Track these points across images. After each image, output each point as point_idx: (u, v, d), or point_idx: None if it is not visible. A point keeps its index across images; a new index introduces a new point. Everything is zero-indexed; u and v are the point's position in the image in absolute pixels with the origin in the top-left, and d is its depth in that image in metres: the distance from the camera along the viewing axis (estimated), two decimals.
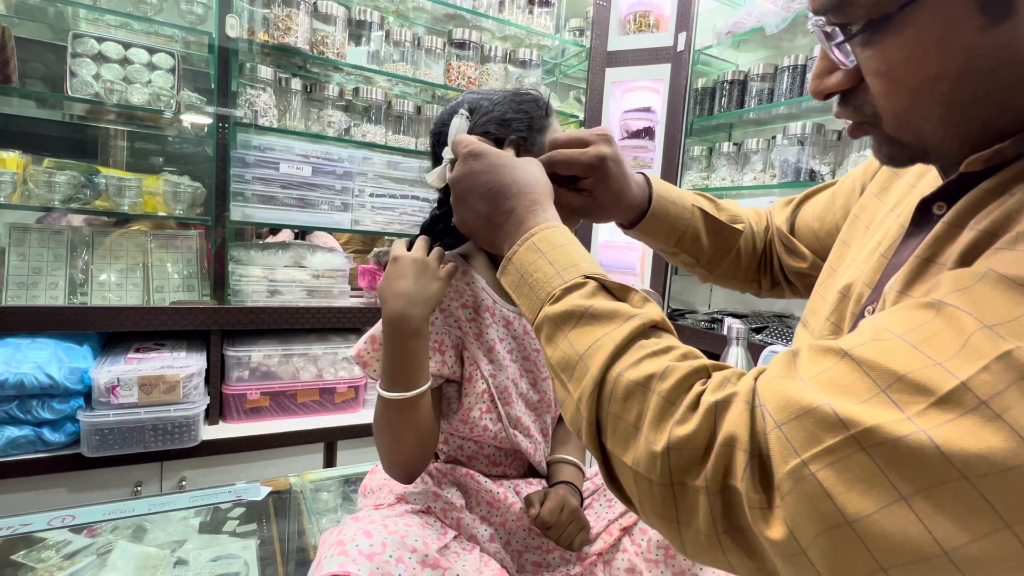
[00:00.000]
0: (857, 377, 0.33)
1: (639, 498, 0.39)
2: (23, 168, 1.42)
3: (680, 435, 0.36)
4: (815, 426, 0.32)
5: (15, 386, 1.21)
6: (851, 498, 0.30)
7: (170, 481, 1.44)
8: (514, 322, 0.71)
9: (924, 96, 0.39)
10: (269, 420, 1.60)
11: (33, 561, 0.79)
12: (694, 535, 0.36)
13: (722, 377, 0.38)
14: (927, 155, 0.44)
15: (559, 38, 2.10)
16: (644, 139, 2.05)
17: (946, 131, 0.40)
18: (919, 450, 0.29)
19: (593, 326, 0.43)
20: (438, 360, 0.64)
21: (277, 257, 1.66)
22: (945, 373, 0.30)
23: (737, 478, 0.34)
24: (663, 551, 0.55)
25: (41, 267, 1.46)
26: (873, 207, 0.57)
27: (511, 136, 0.65)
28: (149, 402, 1.35)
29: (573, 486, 0.68)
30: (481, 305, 0.68)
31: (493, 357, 0.67)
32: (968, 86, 0.38)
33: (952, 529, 0.28)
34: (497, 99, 0.67)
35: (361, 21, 1.75)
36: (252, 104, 1.60)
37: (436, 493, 0.64)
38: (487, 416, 0.67)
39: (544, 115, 0.69)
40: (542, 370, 0.71)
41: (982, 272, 0.34)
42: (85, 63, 1.45)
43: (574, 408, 0.42)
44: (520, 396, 0.69)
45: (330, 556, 0.47)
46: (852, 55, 0.41)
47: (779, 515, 0.32)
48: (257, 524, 0.92)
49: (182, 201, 1.55)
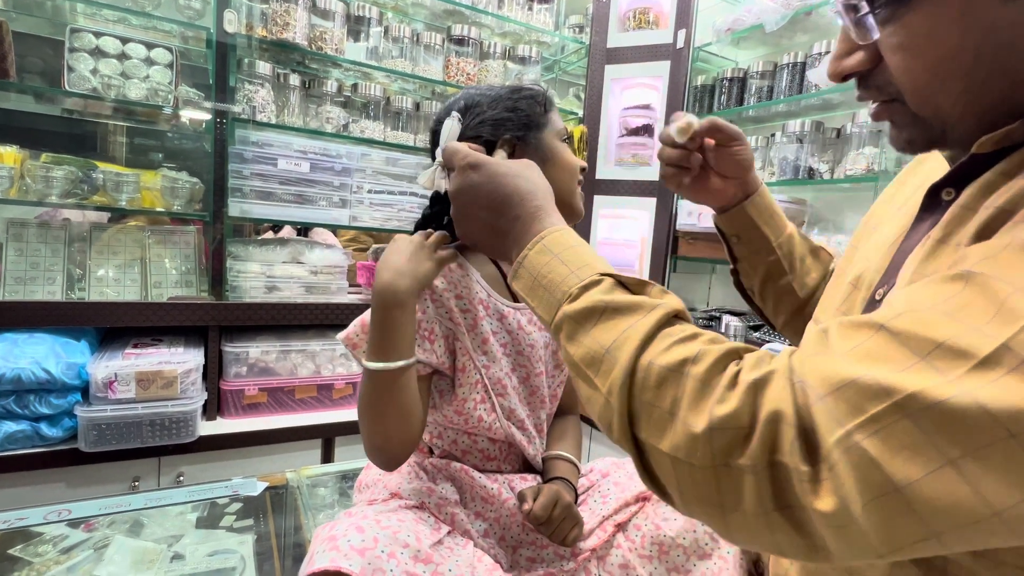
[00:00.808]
0: (895, 347, 0.33)
1: (679, 486, 0.38)
2: (20, 163, 1.42)
3: (721, 414, 0.35)
4: (858, 396, 0.31)
5: (12, 381, 1.21)
6: (898, 465, 0.30)
7: (167, 476, 1.44)
8: (508, 316, 0.71)
9: (945, 70, 0.40)
10: (267, 416, 1.60)
11: (30, 555, 0.79)
12: (740, 518, 0.35)
13: (756, 357, 0.38)
14: (944, 136, 0.44)
15: (559, 35, 2.09)
16: (643, 136, 2.04)
17: (965, 107, 0.41)
18: (964, 411, 0.29)
19: (617, 319, 0.42)
20: (427, 348, 0.65)
21: (275, 253, 1.66)
22: (984, 337, 0.30)
23: (784, 453, 0.33)
24: (657, 547, 0.55)
25: (39, 262, 1.46)
26: (880, 212, 0.59)
27: (505, 136, 0.65)
28: (147, 397, 1.35)
29: (567, 482, 0.68)
30: (475, 298, 0.68)
31: (487, 349, 0.67)
32: (986, 60, 0.39)
33: (1002, 489, 0.28)
34: (494, 96, 0.67)
35: (360, 17, 1.74)
36: (250, 100, 1.60)
37: (430, 488, 0.64)
38: (481, 407, 0.67)
39: (543, 111, 0.69)
40: (535, 365, 0.71)
41: (1006, 243, 0.34)
42: (83, 58, 1.45)
43: (603, 402, 0.41)
44: (513, 389, 0.69)
45: (322, 551, 0.47)
46: (874, 30, 0.41)
47: (828, 487, 0.32)
48: (254, 519, 0.92)
49: (180, 197, 1.55)
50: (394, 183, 1.77)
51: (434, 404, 0.70)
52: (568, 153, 0.71)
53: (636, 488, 0.63)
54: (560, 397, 0.78)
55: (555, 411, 0.78)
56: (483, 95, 0.68)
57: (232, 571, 0.80)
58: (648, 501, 0.60)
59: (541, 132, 0.69)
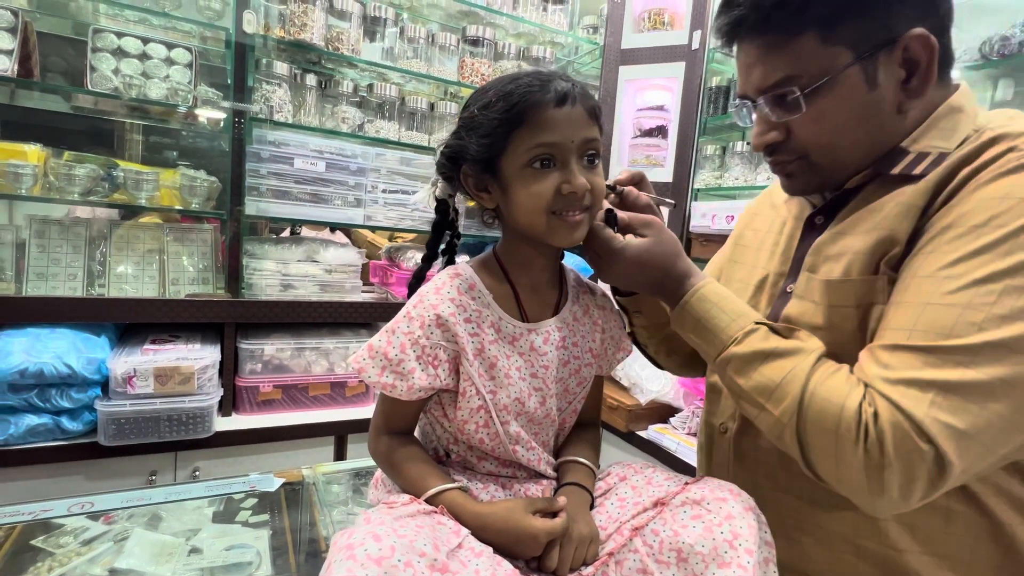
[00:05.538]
0: None
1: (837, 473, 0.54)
2: (44, 161, 1.44)
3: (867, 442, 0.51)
4: None
5: (35, 375, 1.24)
6: None
7: (184, 471, 1.47)
8: (520, 338, 0.68)
9: (840, 133, 0.62)
10: (281, 412, 1.61)
11: (52, 546, 0.81)
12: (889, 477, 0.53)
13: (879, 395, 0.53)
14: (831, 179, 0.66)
15: (573, 35, 2.09)
16: (657, 137, 2.04)
17: (849, 156, 0.63)
18: None
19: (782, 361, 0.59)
20: (431, 373, 0.63)
21: (290, 251, 1.68)
22: None
23: None
24: (675, 554, 0.55)
25: (60, 258, 1.48)
26: (750, 234, 0.82)
27: (466, 171, 0.65)
28: (164, 393, 1.37)
29: (583, 488, 0.68)
30: (485, 321, 0.66)
31: (494, 374, 0.65)
32: (861, 125, 0.61)
33: None
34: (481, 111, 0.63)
35: (376, 17, 1.76)
36: (268, 99, 1.62)
37: None
38: (483, 431, 0.66)
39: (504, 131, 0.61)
40: (550, 387, 0.69)
41: None
42: (105, 58, 1.47)
43: (774, 421, 0.58)
44: (524, 413, 0.67)
45: (339, 561, 0.47)
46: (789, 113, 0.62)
47: None
48: (270, 515, 0.93)
49: (198, 195, 1.57)
50: (408, 183, 1.78)
51: (444, 414, 0.69)
52: (534, 183, 0.61)
53: (653, 493, 0.63)
54: (580, 412, 0.76)
55: (575, 423, 0.77)
56: (481, 104, 0.63)
57: (248, 565, 0.81)
58: (666, 506, 0.59)
59: (499, 159, 0.62)
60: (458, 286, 0.66)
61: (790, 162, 0.66)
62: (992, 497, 0.57)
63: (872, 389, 0.53)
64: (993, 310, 0.49)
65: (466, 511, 0.61)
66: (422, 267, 0.74)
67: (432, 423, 0.73)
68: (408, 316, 0.65)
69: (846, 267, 0.61)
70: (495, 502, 0.65)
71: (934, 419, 0.49)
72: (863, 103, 0.60)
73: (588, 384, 0.74)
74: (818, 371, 0.57)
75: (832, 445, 0.53)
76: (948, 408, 0.49)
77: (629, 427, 1.74)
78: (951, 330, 0.50)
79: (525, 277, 0.70)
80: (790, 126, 0.64)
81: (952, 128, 0.60)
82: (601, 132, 0.65)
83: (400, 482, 0.67)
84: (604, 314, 0.76)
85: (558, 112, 0.60)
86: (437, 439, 0.73)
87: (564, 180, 0.61)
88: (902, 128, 0.62)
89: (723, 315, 0.64)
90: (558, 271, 0.74)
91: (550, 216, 0.62)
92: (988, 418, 0.49)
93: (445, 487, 0.62)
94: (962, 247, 0.52)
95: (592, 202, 0.64)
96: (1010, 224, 0.51)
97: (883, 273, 0.58)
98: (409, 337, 0.63)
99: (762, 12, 0.60)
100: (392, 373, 0.63)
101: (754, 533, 0.55)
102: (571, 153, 0.61)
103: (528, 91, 0.60)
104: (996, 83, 1.44)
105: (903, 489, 0.50)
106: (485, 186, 0.66)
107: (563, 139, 0.60)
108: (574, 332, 0.72)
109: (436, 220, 0.72)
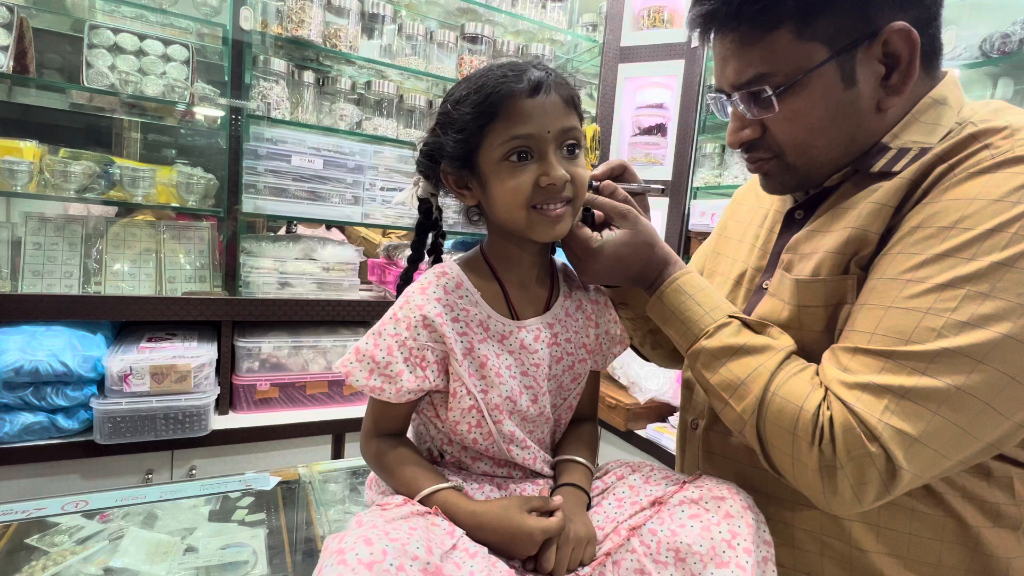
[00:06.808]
0: None
1: (793, 471, 0.55)
2: (40, 158, 1.44)
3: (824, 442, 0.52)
4: None
5: (30, 373, 1.23)
6: None
7: (180, 469, 1.46)
8: (509, 336, 0.66)
9: (815, 131, 0.60)
10: (278, 411, 1.61)
11: (47, 545, 0.80)
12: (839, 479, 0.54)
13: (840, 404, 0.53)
14: (809, 179, 0.65)
15: (572, 33, 2.09)
16: (656, 135, 2.03)
17: (825, 155, 0.62)
18: None
19: (748, 358, 0.59)
20: (419, 375, 0.62)
21: (287, 249, 1.67)
22: None
23: None
24: (673, 553, 0.54)
25: (56, 256, 1.48)
26: (733, 225, 0.81)
27: (445, 169, 0.64)
28: (160, 391, 1.36)
29: (580, 488, 0.67)
30: (473, 320, 0.65)
31: (485, 373, 0.64)
32: (837, 124, 0.60)
33: None
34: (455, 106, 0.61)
35: (374, 14, 1.75)
36: (265, 96, 1.61)
37: None
38: (476, 430, 0.66)
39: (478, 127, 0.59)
40: (541, 385, 0.68)
41: None
42: (101, 54, 1.46)
43: (736, 416, 0.59)
44: (516, 411, 0.66)
45: (330, 565, 0.46)
46: (775, 106, 0.59)
47: None
48: (266, 513, 0.93)
49: (195, 192, 1.56)
50: (406, 180, 1.77)
51: (437, 415, 0.68)
52: (511, 178, 0.60)
53: (651, 492, 0.62)
54: (575, 408, 0.75)
55: (571, 419, 0.76)
56: (455, 99, 0.62)
57: (244, 564, 0.80)
58: (664, 505, 0.59)
59: (476, 155, 0.61)
60: (444, 285, 0.65)
61: (767, 160, 0.65)
62: (958, 499, 0.57)
63: (830, 392, 0.53)
64: (953, 316, 0.49)
65: (461, 510, 0.60)
66: (409, 268, 0.73)
67: (425, 423, 0.72)
68: (394, 317, 0.63)
69: (816, 266, 0.60)
70: (490, 500, 0.64)
71: (886, 424, 0.49)
72: (838, 102, 0.58)
73: (583, 380, 0.73)
74: (783, 370, 0.57)
75: (789, 445, 0.54)
76: (901, 413, 0.49)
77: (628, 426, 1.74)
78: (911, 335, 0.50)
79: (513, 274, 0.68)
80: (765, 123, 0.62)
81: (935, 121, 0.58)
82: (581, 121, 0.63)
83: (393, 484, 0.66)
84: (598, 309, 0.75)
85: (532, 102, 0.58)
86: (431, 440, 0.72)
87: (542, 172, 0.59)
88: (882, 126, 0.60)
89: (697, 307, 0.63)
90: (548, 267, 0.73)
91: (530, 210, 0.60)
92: (941, 425, 0.49)
93: (439, 487, 0.62)
94: (927, 250, 0.52)
95: (574, 194, 0.62)
96: (976, 227, 0.50)
97: (853, 273, 0.58)
98: (396, 339, 0.62)
99: (733, 5, 0.58)
100: (380, 376, 0.62)
101: (752, 532, 0.55)
102: (548, 144, 0.59)
103: (500, 82, 0.58)
104: (996, 81, 1.44)
105: (855, 490, 0.51)
106: (465, 183, 0.65)
107: (539, 130, 0.58)
108: (566, 328, 0.71)
109: (419, 220, 0.71)
